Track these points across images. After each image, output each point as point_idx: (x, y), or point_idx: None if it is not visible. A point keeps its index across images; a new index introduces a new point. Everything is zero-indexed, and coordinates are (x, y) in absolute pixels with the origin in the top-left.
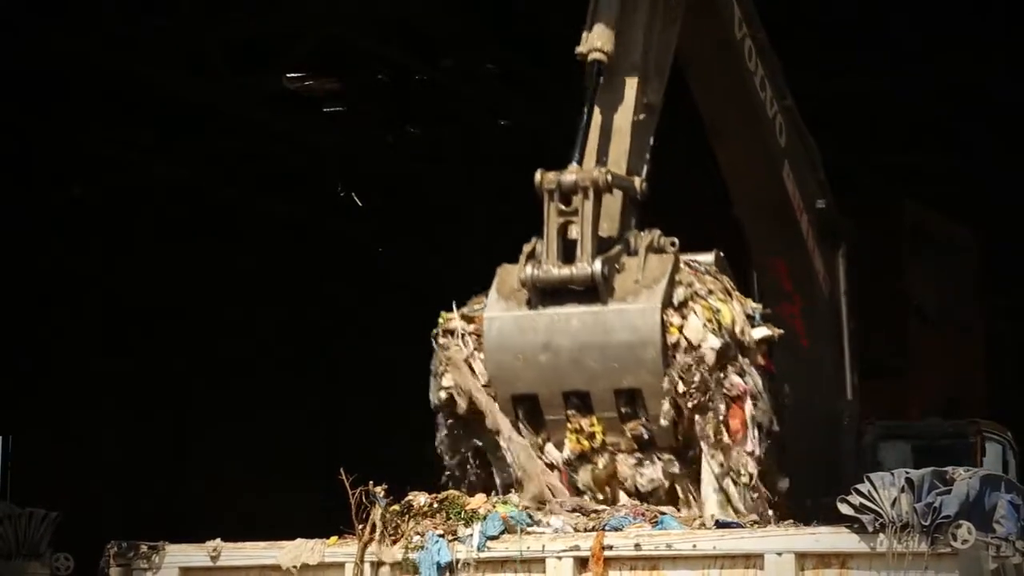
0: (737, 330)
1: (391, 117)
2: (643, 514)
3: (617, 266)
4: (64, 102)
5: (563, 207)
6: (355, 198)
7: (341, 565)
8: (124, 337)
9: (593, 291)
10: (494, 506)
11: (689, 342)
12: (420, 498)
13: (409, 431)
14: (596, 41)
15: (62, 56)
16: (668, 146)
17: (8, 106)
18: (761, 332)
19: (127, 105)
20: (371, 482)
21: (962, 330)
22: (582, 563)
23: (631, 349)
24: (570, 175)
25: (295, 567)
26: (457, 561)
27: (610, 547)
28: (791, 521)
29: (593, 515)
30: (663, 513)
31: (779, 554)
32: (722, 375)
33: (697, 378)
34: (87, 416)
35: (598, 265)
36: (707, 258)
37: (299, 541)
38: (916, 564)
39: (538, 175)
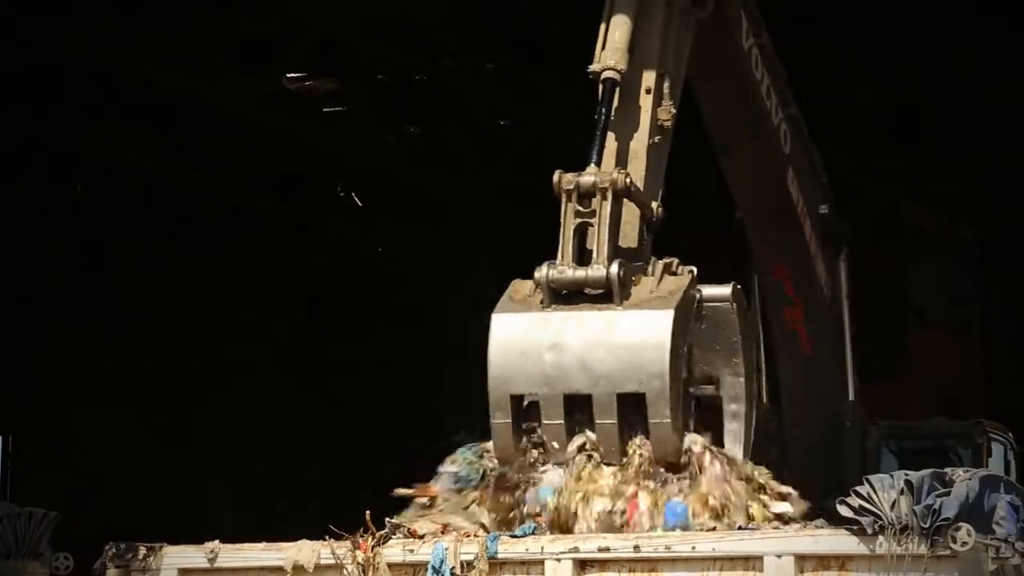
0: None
1: (391, 117)
2: None
3: (633, 278)
4: (64, 102)
5: (580, 208)
6: (355, 198)
7: (341, 567)
8: (124, 337)
9: (607, 295)
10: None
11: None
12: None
13: (410, 430)
14: (610, 59)
15: (62, 56)
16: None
17: (8, 106)
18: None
19: (127, 105)
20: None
21: (962, 330)
22: (581, 565)
23: (640, 351)
24: (589, 176)
25: (296, 568)
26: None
27: (608, 549)
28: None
29: None
30: None
31: (778, 556)
32: None
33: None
34: (87, 416)
35: (615, 268)
36: (724, 291)
37: (300, 543)
38: (915, 566)
39: (557, 175)
